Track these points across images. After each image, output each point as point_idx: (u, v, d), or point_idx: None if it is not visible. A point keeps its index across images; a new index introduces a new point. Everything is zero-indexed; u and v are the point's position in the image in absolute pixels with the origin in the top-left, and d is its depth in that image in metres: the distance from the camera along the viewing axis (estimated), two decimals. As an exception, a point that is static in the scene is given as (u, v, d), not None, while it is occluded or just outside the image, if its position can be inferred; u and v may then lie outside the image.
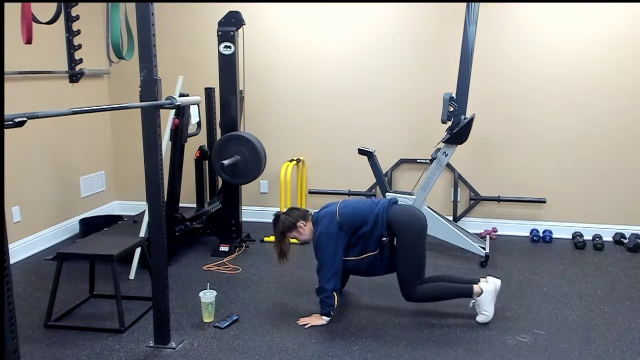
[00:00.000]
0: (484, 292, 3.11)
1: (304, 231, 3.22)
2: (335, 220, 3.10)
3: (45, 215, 4.45)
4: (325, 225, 3.11)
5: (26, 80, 4.14)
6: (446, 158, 4.15)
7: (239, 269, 3.97)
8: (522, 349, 2.84)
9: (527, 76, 4.59)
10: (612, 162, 4.58)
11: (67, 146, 4.67)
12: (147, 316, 3.16)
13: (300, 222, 3.21)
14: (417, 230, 3.11)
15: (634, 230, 4.56)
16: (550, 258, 4.24)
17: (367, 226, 3.09)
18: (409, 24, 4.70)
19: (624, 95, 4.47)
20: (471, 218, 4.88)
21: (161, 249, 2.79)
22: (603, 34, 4.42)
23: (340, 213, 3.13)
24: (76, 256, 3.29)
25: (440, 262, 4.11)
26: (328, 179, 5.08)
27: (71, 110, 1.98)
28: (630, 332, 3.03)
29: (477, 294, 3.11)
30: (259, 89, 4.97)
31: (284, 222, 3.21)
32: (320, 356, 2.76)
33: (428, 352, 2.81)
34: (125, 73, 4.93)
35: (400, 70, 4.77)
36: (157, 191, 2.72)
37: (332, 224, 3.10)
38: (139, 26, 2.59)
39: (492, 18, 4.51)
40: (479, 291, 3.12)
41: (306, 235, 3.23)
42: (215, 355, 2.77)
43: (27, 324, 3.08)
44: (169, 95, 2.67)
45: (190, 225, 4.21)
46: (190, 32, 5.02)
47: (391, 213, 3.12)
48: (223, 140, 4.15)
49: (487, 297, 3.11)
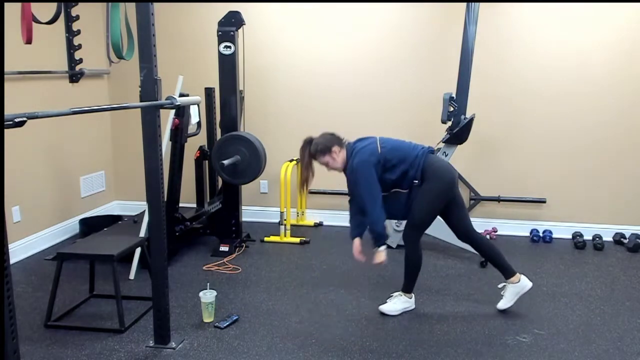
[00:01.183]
0: (521, 281, 3.24)
1: (337, 157, 3.13)
2: (376, 153, 3.06)
3: (45, 215, 4.45)
4: (367, 155, 3.05)
5: (26, 80, 4.14)
6: (446, 158, 4.16)
7: (239, 269, 3.98)
8: (522, 349, 2.84)
9: (527, 76, 4.59)
10: (612, 163, 4.58)
11: (67, 146, 4.67)
12: (147, 316, 3.16)
13: (336, 146, 3.13)
14: (446, 182, 3.11)
15: (634, 230, 4.56)
16: (550, 258, 4.24)
17: (404, 165, 3.07)
18: (409, 24, 4.70)
19: (624, 96, 4.47)
20: (471, 218, 4.82)
21: (161, 249, 2.79)
22: (603, 34, 4.42)
23: (381, 146, 3.09)
24: (76, 256, 3.30)
25: (440, 262, 4.11)
26: (328, 179, 5.07)
27: (71, 110, 1.98)
28: (630, 332, 3.03)
29: (516, 280, 3.24)
30: (259, 89, 4.97)
31: (317, 145, 3.12)
32: (320, 356, 2.76)
33: (428, 352, 2.81)
34: (125, 73, 4.93)
35: (400, 70, 4.77)
36: (157, 191, 2.72)
37: (373, 155, 3.05)
38: (139, 26, 2.59)
39: (493, 18, 4.51)
40: (518, 278, 3.25)
41: (338, 163, 3.15)
42: (215, 355, 2.77)
43: (27, 324, 3.08)
44: (169, 95, 2.66)
45: (190, 225, 4.21)
46: (190, 32, 5.02)
47: (428, 160, 3.10)
48: (223, 140, 4.15)
49: (518, 288, 3.24)
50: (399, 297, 3.27)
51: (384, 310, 3.23)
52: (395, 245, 4.39)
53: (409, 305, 3.27)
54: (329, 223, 5.10)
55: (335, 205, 5.07)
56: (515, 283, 3.24)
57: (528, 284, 3.27)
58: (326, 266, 4.04)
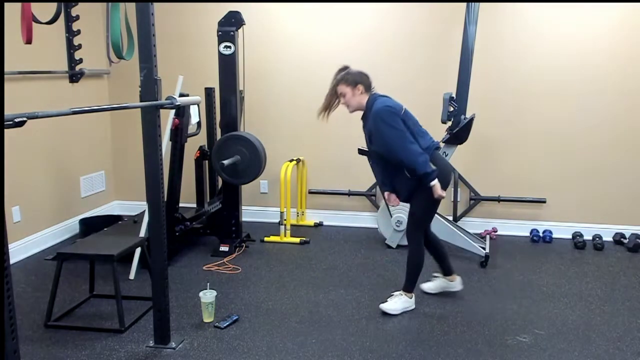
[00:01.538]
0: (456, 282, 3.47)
1: (357, 95, 3.08)
2: (401, 109, 3.03)
3: (45, 215, 4.45)
4: (392, 103, 3.03)
5: (26, 80, 4.14)
6: (446, 158, 4.16)
7: (239, 269, 3.97)
8: (522, 349, 2.84)
9: (527, 76, 4.59)
10: (612, 163, 4.58)
11: (67, 146, 4.67)
12: (147, 316, 3.16)
13: (361, 86, 3.07)
14: (446, 183, 3.12)
15: (634, 230, 4.56)
16: (550, 258, 4.24)
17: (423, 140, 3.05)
18: (409, 23, 4.70)
19: (624, 96, 4.47)
20: (471, 218, 4.87)
21: (161, 249, 2.79)
22: (603, 34, 4.42)
23: (405, 110, 3.07)
24: (76, 256, 3.30)
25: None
26: (328, 179, 5.09)
27: (71, 110, 1.98)
28: (630, 332, 3.03)
29: (451, 280, 3.45)
30: (259, 89, 4.97)
31: (348, 74, 3.07)
32: (320, 356, 2.76)
33: (428, 352, 2.81)
34: (125, 73, 4.93)
35: (401, 70, 4.77)
36: (157, 191, 2.72)
37: (398, 107, 3.02)
38: (139, 26, 2.59)
39: (492, 18, 4.51)
40: (455, 279, 3.46)
41: (354, 101, 3.10)
42: (215, 355, 2.77)
43: (27, 324, 3.08)
44: (169, 95, 2.67)
45: (190, 225, 4.21)
46: (190, 32, 5.02)
47: (434, 155, 3.10)
48: (223, 140, 4.15)
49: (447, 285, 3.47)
50: (400, 297, 3.27)
51: (384, 308, 3.23)
52: (395, 245, 4.40)
53: (409, 305, 3.27)
54: (329, 223, 5.10)
55: (335, 205, 5.07)
56: (452, 282, 3.45)
57: (458, 287, 3.47)
58: (326, 266, 4.04)
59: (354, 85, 3.09)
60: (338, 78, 3.13)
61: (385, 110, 2.98)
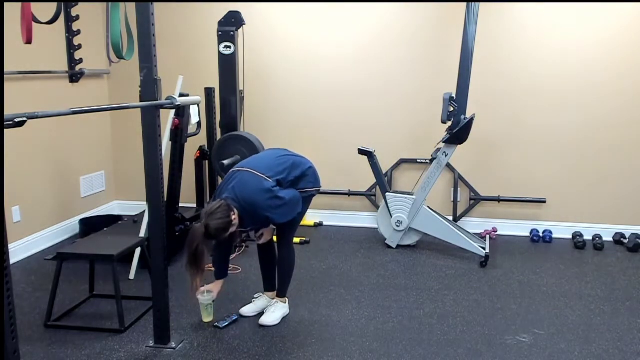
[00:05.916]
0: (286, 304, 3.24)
1: (236, 220, 2.81)
2: (269, 181, 2.87)
3: (45, 215, 4.45)
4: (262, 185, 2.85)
5: (26, 80, 4.14)
6: (446, 158, 4.16)
7: (239, 269, 3.97)
8: (522, 349, 2.84)
9: (527, 76, 4.58)
10: (612, 162, 4.58)
11: (67, 146, 4.67)
12: (147, 316, 3.16)
13: (231, 214, 2.75)
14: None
15: (634, 230, 4.56)
16: (550, 258, 4.24)
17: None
18: (409, 24, 4.70)
19: (624, 96, 4.47)
20: (471, 218, 4.87)
21: (161, 249, 2.79)
22: (603, 34, 4.42)
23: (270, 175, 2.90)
24: (76, 256, 3.29)
25: (440, 262, 4.11)
26: (328, 179, 5.06)
27: (71, 110, 1.98)
28: (630, 332, 3.03)
29: (270, 297, 3.27)
30: (259, 89, 4.97)
31: (217, 227, 2.71)
32: (320, 356, 2.76)
33: (428, 352, 2.81)
34: (125, 73, 4.92)
35: (400, 70, 4.77)
36: (157, 191, 2.72)
37: (269, 185, 2.86)
38: (139, 26, 2.59)
39: (492, 18, 4.51)
40: (271, 296, 3.27)
41: (237, 222, 2.83)
42: (215, 355, 2.77)
43: (27, 324, 3.08)
44: (169, 95, 2.67)
45: (190, 225, 4.21)
46: (190, 32, 5.02)
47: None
48: (223, 140, 4.15)
49: (269, 303, 3.24)
50: (277, 305, 3.19)
51: (265, 323, 3.10)
52: (395, 245, 4.40)
53: (286, 310, 3.22)
54: (329, 223, 5.09)
55: (335, 205, 5.07)
56: (280, 303, 3.20)
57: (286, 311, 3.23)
58: (326, 266, 4.04)
59: (231, 223, 2.77)
60: (210, 235, 2.76)
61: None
